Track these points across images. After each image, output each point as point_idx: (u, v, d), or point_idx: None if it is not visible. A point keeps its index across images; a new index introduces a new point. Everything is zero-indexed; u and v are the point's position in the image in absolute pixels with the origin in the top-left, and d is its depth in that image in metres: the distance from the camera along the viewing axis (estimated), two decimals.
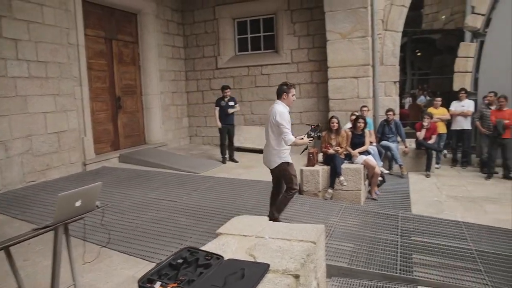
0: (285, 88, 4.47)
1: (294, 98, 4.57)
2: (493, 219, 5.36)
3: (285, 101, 4.49)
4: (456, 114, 8.31)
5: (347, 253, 4.22)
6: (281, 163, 4.54)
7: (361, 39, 8.32)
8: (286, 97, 4.48)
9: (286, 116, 4.35)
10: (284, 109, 4.41)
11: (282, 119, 4.32)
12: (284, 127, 4.31)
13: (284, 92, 4.46)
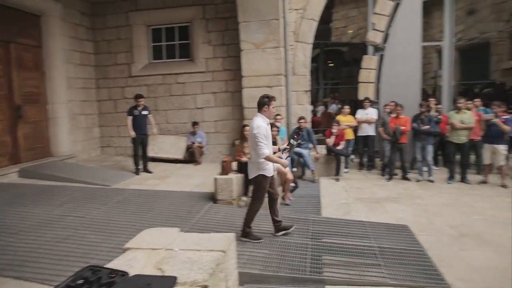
0: (266, 101, 4.49)
1: (274, 111, 4.64)
2: (392, 217, 5.85)
3: (265, 114, 4.52)
4: (362, 121, 8.97)
5: (260, 259, 4.30)
6: (258, 174, 4.59)
7: (274, 50, 8.63)
8: (267, 109, 4.51)
9: (262, 129, 4.39)
10: (262, 123, 4.44)
11: (258, 132, 4.36)
12: (258, 141, 4.36)
13: (266, 105, 4.49)
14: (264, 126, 4.44)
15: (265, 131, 4.43)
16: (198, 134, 9.48)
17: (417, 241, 4.88)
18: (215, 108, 9.75)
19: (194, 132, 9.45)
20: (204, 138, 9.52)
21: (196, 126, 9.44)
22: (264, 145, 4.38)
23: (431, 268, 4.12)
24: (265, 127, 4.46)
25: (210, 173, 7.18)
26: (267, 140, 4.46)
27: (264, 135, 4.40)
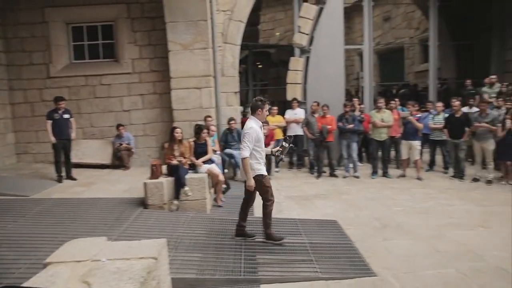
0: (259, 104, 4.56)
1: (267, 113, 4.75)
2: (322, 213, 6.08)
3: (258, 117, 4.59)
4: (290, 121, 9.22)
5: (194, 263, 4.23)
6: (254, 176, 4.57)
7: (202, 51, 8.55)
8: (261, 113, 4.59)
9: (253, 131, 4.45)
10: (254, 125, 4.51)
11: (248, 133, 4.43)
12: (244, 142, 4.44)
13: (259, 108, 4.57)
14: (256, 129, 4.51)
15: (256, 134, 4.49)
16: (125, 136, 9.08)
17: (345, 234, 5.11)
18: (143, 110, 9.42)
19: (120, 135, 9.03)
20: (131, 140, 9.14)
21: (121, 128, 9.00)
22: (248, 147, 4.43)
23: (359, 259, 4.34)
24: (257, 130, 4.52)
25: (140, 177, 6.92)
26: (258, 142, 4.54)
27: (254, 138, 4.46)
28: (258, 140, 4.53)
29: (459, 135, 7.88)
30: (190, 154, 6.38)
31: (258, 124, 4.59)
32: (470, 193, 7.04)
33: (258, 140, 4.53)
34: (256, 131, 4.50)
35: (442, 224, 5.41)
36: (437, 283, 3.79)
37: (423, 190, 7.28)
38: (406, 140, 8.31)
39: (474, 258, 4.34)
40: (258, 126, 4.58)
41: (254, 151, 4.55)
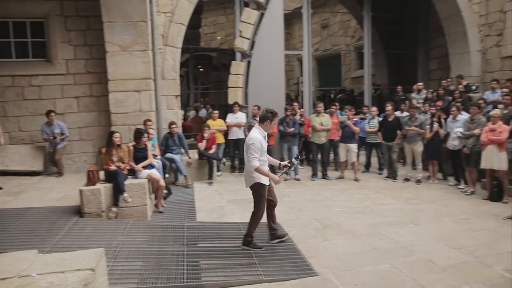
0: (270, 116, 4.59)
1: (274, 127, 4.84)
2: (264, 216, 6.09)
3: (265, 127, 4.62)
4: (232, 125, 9.23)
5: (135, 272, 4.08)
6: (253, 183, 4.60)
7: (142, 53, 8.30)
8: (268, 124, 4.61)
9: (257, 142, 4.45)
10: (258, 135, 4.53)
11: (253, 144, 4.43)
12: (251, 153, 4.43)
13: (268, 120, 4.59)
14: (259, 139, 4.52)
15: (260, 144, 4.50)
16: (56, 124, 8.40)
17: (287, 236, 5.20)
18: (79, 114, 8.94)
19: (50, 122, 8.32)
20: (64, 128, 8.50)
21: (51, 115, 8.30)
22: (255, 157, 4.43)
23: (301, 260, 4.43)
24: (260, 140, 4.53)
25: (75, 184, 6.57)
26: (260, 152, 4.51)
27: (258, 148, 4.46)
28: (262, 149, 4.56)
29: (392, 138, 8.37)
30: (129, 159, 6.16)
31: (262, 134, 4.62)
32: (402, 192, 7.48)
33: (262, 149, 4.56)
34: (260, 141, 4.53)
35: (378, 222, 5.69)
36: (374, 279, 3.98)
37: (360, 191, 7.62)
38: (344, 143, 8.66)
39: (406, 253, 4.61)
40: (262, 136, 4.61)
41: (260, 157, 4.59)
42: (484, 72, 11.21)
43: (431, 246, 4.82)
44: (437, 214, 6.12)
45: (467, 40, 11.11)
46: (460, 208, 6.41)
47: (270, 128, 4.76)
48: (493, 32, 10.96)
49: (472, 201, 6.86)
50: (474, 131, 7.04)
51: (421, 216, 6.01)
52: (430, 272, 4.12)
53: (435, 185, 7.99)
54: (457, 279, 3.94)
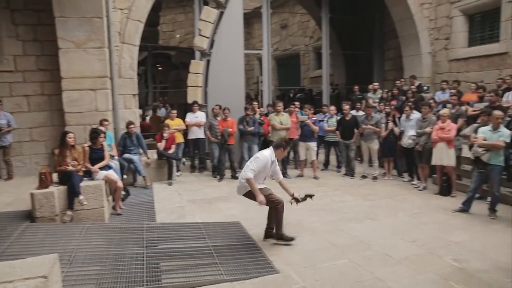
0: (284, 144, 5.01)
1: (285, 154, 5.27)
2: (225, 215, 6.13)
3: (277, 154, 4.98)
4: (191, 125, 9.14)
5: (92, 277, 3.94)
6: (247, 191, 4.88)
7: (98, 50, 8.01)
8: (281, 152, 5.01)
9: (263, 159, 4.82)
10: (269, 156, 4.87)
11: (258, 158, 4.83)
12: (252, 164, 4.78)
13: (282, 147, 4.98)
14: (267, 159, 4.85)
15: (265, 164, 4.82)
16: (2, 114, 7.95)
17: (248, 235, 5.22)
18: (29, 113, 8.51)
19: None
20: (12, 120, 8.04)
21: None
22: (253, 170, 4.73)
23: (262, 258, 4.46)
24: (267, 160, 4.85)
25: (26, 188, 6.25)
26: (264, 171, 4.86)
27: (261, 165, 4.79)
28: (264, 169, 4.85)
29: (349, 136, 8.60)
30: (85, 160, 5.93)
31: (272, 157, 4.91)
32: (359, 189, 7.71)
33: (264, 169, 4.85)
34: (267, 161, 4.85)
35: (337, 219, 5.83)
36: (333, 274, 4.07)
37: (320, 189, 7.76)
38: (304, 142, 8.80)
39: (364, 248, 4.76)
40: (271, 159, 4.90)
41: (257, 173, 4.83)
42: (434, 73, 11.78)
43: (387, 240, 5.00)
44: (392, 209, 6.36)
45: (419, 43, 11.63)
46: (414, 203, 6.69)
47: (282, 155, 5.15)
48: (441, 36, 11.54)
49: (424, 196, 7.18)
50: (426, 129, 7.37)
51: (378, 212, 6.22)
52: (386, 265, 4.28)
53: (391, 182, 8.29)
54: (411, 271, 4.12)
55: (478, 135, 6.03)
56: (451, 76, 10.99)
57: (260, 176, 4.87)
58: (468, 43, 11.06)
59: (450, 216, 5.98)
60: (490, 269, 4.13)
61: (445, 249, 4.68)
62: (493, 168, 5.80)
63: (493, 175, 5.84)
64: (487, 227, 5.49)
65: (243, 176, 4.82)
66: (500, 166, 5.81)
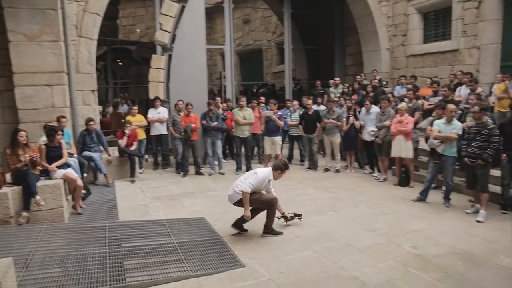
0: (282, 167, 5.11)
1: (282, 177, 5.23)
2: (189, 212, 6.08)
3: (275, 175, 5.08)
4: (154, 121, 8.96)
5: (52, 280, 3.80)
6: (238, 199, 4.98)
7: (53, 44, 7.66)
8: (278, 175, 5.12)
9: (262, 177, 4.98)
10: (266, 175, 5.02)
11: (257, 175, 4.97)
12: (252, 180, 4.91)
13: (280, 170, 5.09)
14: (266, 178, 5.00)
15: (262, 180, 4.97)
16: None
17: (213, 230, 5.21)
18: None
19: None
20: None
21: None
22: (251, 185, 4.86)
23: (228, 253, 4.47)
24: (265, 179, 5.00)
25: None
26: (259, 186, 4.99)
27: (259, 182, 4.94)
28: (260, 185, 5.00)
29: (312, 130, 8.73)
30: (41, 159, 5.69)
31: (269, 176, 5.04)
32: (322, 182, 7.86)
33: (260, 185, 5.00)
34: (264, 179, 5.00)
35: (301, 212, 5.90)
36: (298, 265, 4.14)
37: (284, 182, 7.77)
38: (269, 136, 8.85)
39: (327, 239, 4.87)
40: (268, 177, 5.03)
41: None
42: (393, 68, 12.17)
43: (350, 230, 5.15)
44: (354, 201, 6.54)
45: (378, 39, 11.97)
46: (374, 194, 6.91)
47: (278, 177, 5.17)
48: (399, 33, 11.93)
49: (384, 187, 7.44)
50: (385, 123, 7.61)
51: (340, 204, 6.38)
52: (349, 254, 4.40)
53: (352, 174, 8.52)
54: (372, 259, 4.26)
55: (434, 127, 6.30)
56: (408, 71, 11.40)
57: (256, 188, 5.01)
58: (423, 40, 11.50)
59: (409, 205, 6.22)
60: (445, 254, 4.35)
61: (404, 237, 4.88)
62: (447, 159, 6.09)
63: (447, 165, 6.13)
64: (442, 215, 5.76)
65: (239, 188, 4.90)
66: (453, 157, 6.10)
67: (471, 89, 7.91)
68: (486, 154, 5.48)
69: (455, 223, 5.38)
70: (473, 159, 5.62)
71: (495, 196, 5.93)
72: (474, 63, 9.83)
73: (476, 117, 5.71)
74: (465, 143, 5.83)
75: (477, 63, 9.77)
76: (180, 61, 9.47)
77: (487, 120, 5.75)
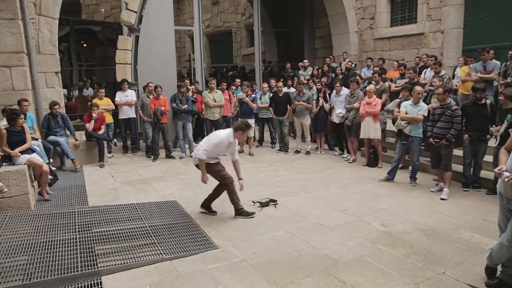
0: (244, 128, 4.95)
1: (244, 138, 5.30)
2: (161, 195, 6.02)
3: (236, 135, 4.95)
4: (122, 104, 8.75)
5: (19, 267, 3.69)
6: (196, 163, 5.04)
7: (9, 22, 7.23)
8: (240, 135, 4.99)
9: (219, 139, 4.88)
10: (226, 137, 4.89)
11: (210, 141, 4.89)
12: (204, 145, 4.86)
13: (241, 130, 4.94)
14: (223, 140, 4.89)
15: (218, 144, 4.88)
16: None
17: (186, 213, 5.20)
18: None
19: None
20: None
21: None
22: (205, 151, 4.82)
23: (201, 235, 4.48)
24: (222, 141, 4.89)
25: None
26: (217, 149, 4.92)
27: (213, 146, 4.85)
28: (218, 148, 4.92)
29: (283, 112, 8.78)
30: (2, 144, 5.45)
31: (229, 138, 4.92)
32: (293, 164, 7.96)
33: (218, 148, 4.92)
34: (221, 141, 4.89)
35: (272, 193, 5.99)
36: (270, 245, 4.20)
37: (255, 164, 7.90)
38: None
39: (299, 219, 4.96)
40: (228, 140, 4.91)
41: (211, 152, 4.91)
42: (361, 51, 12.33)
43: (320, 210, 5.26)
44: (324, 181, 6.67)
45: (347, 22, 12.06)
46: (344, 175, 7.07)
47: (241, 138, 5.13)
48: (367, 16, 12.06)
49: (354, 167, 7.61)
50: (354, 105, 7.74)
51: (311, 184, 6.49)
52: (320, 233, 4.50)
53: (323, 155, 8.67)
54: (342, 237, 4.38)
55: (401, 109, 6.46)
56: (376, 54, 11.58)
57: (214, 152, 4.95)
58: (391, 24, 11.68)
59: (377, 185, 6.41)
60: (411, 231, 4.53)
61: (373, 215, 5.04)
62: (413, 139, 6.29)
63: (413, 146, 6.34)
64: (409, 193, 5.97)
65: (196, 154, 4.93)
66: (419, 137, 6.31)
67: (435, 72, 8.14)
68: (450, 134, 5.69)
69: (420, 201, 5.59)
70: (438, 139, 5.83)
71: (457, 175, 6.20)
72: (438, 46, 10.10)
73: (440, 98, 5.89)
74: (430, 124, 6.03)
75: (441, 46, 10.05)
76: (148, 43, 9.23)
77: (451, 102, 5.95)
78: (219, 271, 3.68)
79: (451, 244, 4.18)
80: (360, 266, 3.72)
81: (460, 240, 4.29)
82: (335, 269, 3.68)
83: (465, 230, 4.53)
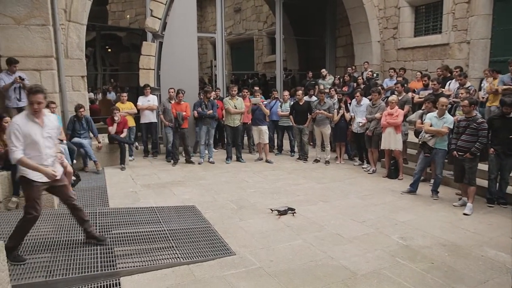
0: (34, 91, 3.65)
1: (36, 107, 3.60)
2: (180, 200, 6.08)
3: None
4: (144, 108, 8.90)
5: (43, 265, 3.80)
6: (20, 175, 3.78)
7: (41, 28, 7.50)
8: (32, 100, 3.62)
9: (13, 128, 3.56)
10: (20, 119, 3.61)
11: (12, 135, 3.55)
12: (11, 142, 3.55)
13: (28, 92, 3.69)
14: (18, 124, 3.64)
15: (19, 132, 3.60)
16: None
17: (204, 218, 5.22)
18: None
19: None
20: None
21: None
22: (16, 147, 3.56)
23: (218, 240, 4.49)
24: (20, 126, 3.62)
25: None
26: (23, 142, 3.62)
27: (16, 138, 3.58)
28: (28, 139, 3.64)
29: (303, 121, 8.76)
30: None
31: (24, 120, 3.67)
32: (312, 173, 7.92)
33: (28, 139, 3.64)
34: (19, 127, 3.59)
35: (291, 201, 5.96)
36: (288, 254, 4.18)
37: (274, 172, 7.90)
38: (256, 125, 8.86)
39: (317, 228, 4.92)
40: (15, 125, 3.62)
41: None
42: (383, 61, 12.23)
43: (339, 220, 5.21)
44: (344, 191, 6.61)
45: (369, 31, 12.00)
46: (364, 186, 6.99)
47: (31, 110, 3.69)
48: (390, 25, 11.97)
49: (374, 178, 7.52)
50: (375, 115, 7.67)
51: (330, 194, 6.44)
52: (338, 244, 4.46)
53: (342, 165, 8.59)
54: (361, 249, 4.32)
55: (426, 121, 6.35)
56: (399, 64, 11.47)
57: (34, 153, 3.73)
58: (414, 34, 11.57)
59: (397, 197, 6.31)
60: (432, 245, 4.44)
61: (393, 228, 4.96)
62: (437, 152, 6.17)
63: (437, 158, 6.21)
64: (430, 207, 5.85)
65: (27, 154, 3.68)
66: (444, 150, 6.19)
67: (460, 84, 7.99)
68: (475, 148, 5.57)
69: (442, 215, 5.48)
70: (462, 152, 5.71)
71: (482, 190, 6.04)
72: (464, 57, 9.93)
73: (466, 110, 5.78)
74: (455, 137, 5.91)
75: (466, 57, 9.88)
76: (171, 49, 9.39)
77: (477, 115, 5.83)
78: (236, 277, 3.69)
79: (474, 261, 4.07)
80: (378, 279, 3.66)
81: (484, 258, 4.17)
82: (353, 281, 3.64)
83: (489, 248, 4.40)
